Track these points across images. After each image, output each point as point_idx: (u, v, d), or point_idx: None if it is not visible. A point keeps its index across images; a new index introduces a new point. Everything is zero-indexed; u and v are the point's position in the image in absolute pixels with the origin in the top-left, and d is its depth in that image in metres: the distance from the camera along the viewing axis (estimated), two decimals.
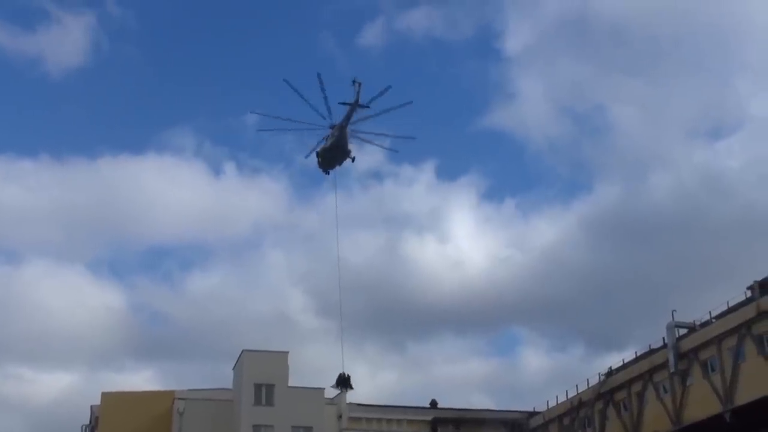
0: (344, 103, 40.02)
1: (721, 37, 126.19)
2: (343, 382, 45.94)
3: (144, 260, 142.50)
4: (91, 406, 66.58)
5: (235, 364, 65.12)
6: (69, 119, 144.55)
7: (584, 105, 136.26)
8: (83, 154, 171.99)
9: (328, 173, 43.77)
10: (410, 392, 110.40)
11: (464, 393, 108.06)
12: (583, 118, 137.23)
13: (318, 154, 42.73)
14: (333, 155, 42.12)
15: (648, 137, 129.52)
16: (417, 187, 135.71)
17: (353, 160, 42.55)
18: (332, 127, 41.13)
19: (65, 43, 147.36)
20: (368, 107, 40.08)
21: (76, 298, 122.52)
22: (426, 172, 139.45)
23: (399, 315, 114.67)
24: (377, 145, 43.38)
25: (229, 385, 66.19)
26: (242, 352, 63.84)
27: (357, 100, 39.75)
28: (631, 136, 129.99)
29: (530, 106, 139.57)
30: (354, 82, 39.70)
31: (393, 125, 43.44)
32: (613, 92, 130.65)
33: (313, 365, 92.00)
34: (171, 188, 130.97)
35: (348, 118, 40.44)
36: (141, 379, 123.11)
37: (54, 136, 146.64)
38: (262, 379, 62.47)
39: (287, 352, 63.88)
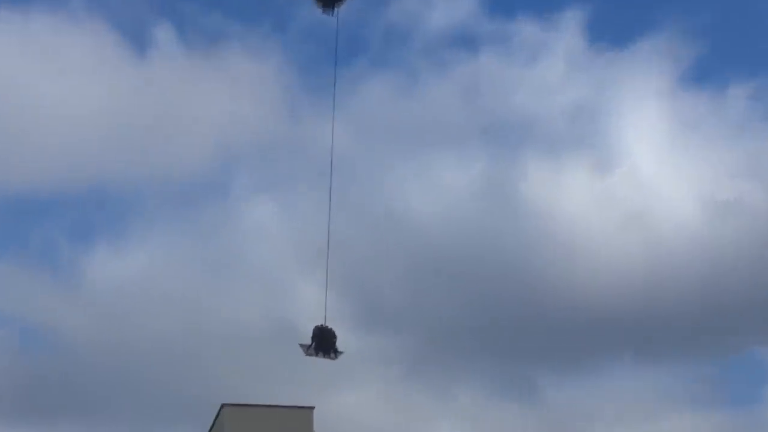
0: None
1: None
2: (321, 342, 25.70)
3: (3, 222, 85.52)
4: None
5: (210, 430, 44.23)
6: None
7: None
8: None
9: (331, 14, 34.02)
10: None
11: None
12: None
13: None
14: None
15: None
16: (547, 62, 77.57)
17: None
18: None
19: None
20: None
21: None
22: (564, 33, 79.13)
23: (519, 322, 64.95)
24: None
25: None
26: (222, 407, 42.34)
27: None
28: None
29: None
30: None
31: None
32: None
33: (353, 419, 58.37)
34: (56, 78, 73.71)
35: None
36: None
37: None
38: None
39: (312, 408, 40.52)
